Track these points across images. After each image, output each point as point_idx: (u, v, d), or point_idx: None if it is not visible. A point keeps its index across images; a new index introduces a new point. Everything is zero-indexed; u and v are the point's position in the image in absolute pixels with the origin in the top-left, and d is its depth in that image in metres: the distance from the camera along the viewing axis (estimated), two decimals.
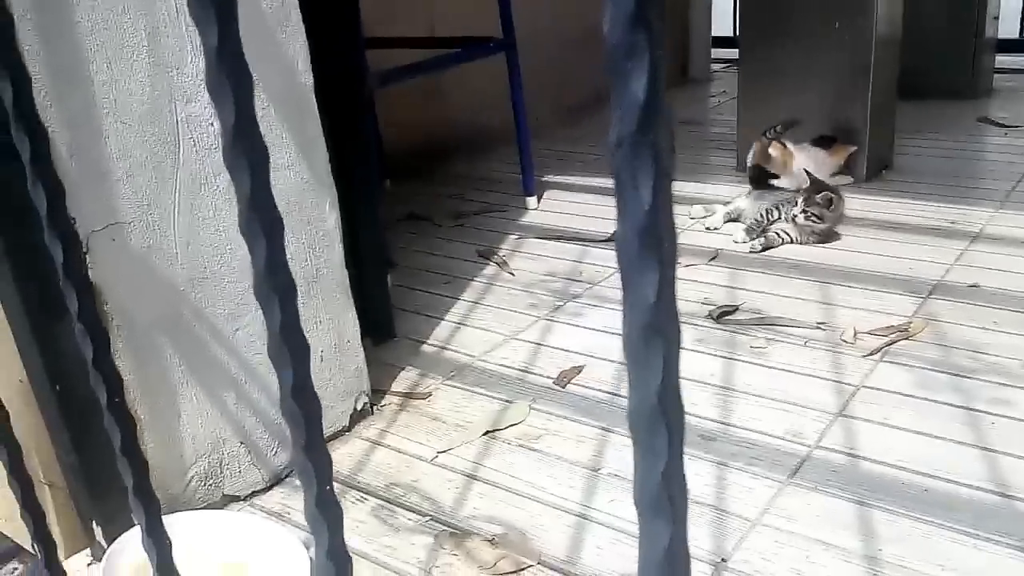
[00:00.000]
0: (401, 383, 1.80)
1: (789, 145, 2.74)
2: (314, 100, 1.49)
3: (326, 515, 0.51)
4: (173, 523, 1.35)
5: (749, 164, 2.78)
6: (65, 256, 0.57)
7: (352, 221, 1.75)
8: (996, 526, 1.27)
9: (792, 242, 2.38)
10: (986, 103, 3.84)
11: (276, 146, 1.42)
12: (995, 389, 1.62)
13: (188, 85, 1.28)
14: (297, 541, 1.27)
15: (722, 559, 1.24)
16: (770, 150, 2.73)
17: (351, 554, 0.47)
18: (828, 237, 2.40)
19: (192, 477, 1.38)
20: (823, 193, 2.35)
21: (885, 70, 2.86)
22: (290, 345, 0.44)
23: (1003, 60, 4.22)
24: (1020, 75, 4.37)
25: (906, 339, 1.82)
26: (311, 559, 1.23)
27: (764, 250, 2.36)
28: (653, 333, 0.33)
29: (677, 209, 2.17)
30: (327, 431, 1.59)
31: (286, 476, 1.52)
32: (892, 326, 1.87)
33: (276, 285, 0.43)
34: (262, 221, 0.42)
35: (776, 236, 2.38)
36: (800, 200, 2.35)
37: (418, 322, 2.08)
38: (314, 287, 1.52)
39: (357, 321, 1.63)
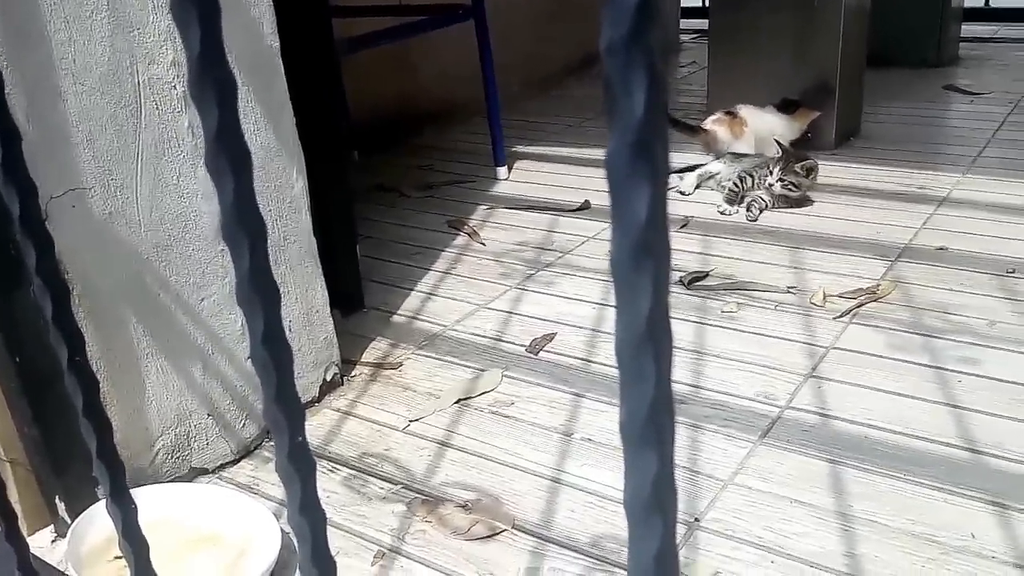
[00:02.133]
0: (372, 353, 1.79)
1: (742, 113, 2.74)
2: (281, 63, 1.46)
3: (298, 467, 0.50)
4: (140, 496, 1.33)
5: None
6: (22, 207, 0.55)
7: (320, 190, 1.72)
8: (965, 481, 1.28)
9: (766, 208, 2.39)
10: (953, 71, 3.86)
11: (243, 111, 1.39)
12: (963, 348, 1.64)
13: (150, 45, 1.25)
14: (268, 512, 1.26)
15: (695, 519, 1.25)
16: (708, 125, 2.73)
17: None
18: (801, 203, 2.40)
19: (159, 450, 1.36)
20: (805, 162, 2.35)
21: (854, 39, 2.87)
22: (260, 290, 0.42)
23: (969, 29, 4.25)
24: (986, 44, 4.41)
25: (875, 301, 1.84)
26: (282, 530, 1.22)
27: (756, 220, 2.35)
28: (644, 254, 0.32)
29: None
30: None
31: (255, 448, 1.51)
32: (862, 289, 1.88)
33: (245, 225, 0.41)
34: (230, 156, 0.39)
35: (755, 204, 2.39)
36: (776, 169, 2.36)
37: (388, 293, 2.06)
38: (281, 254, 1.49)
39: (326, 291, 1.61)
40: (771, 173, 2.36)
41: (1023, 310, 1.76)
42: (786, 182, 2.34)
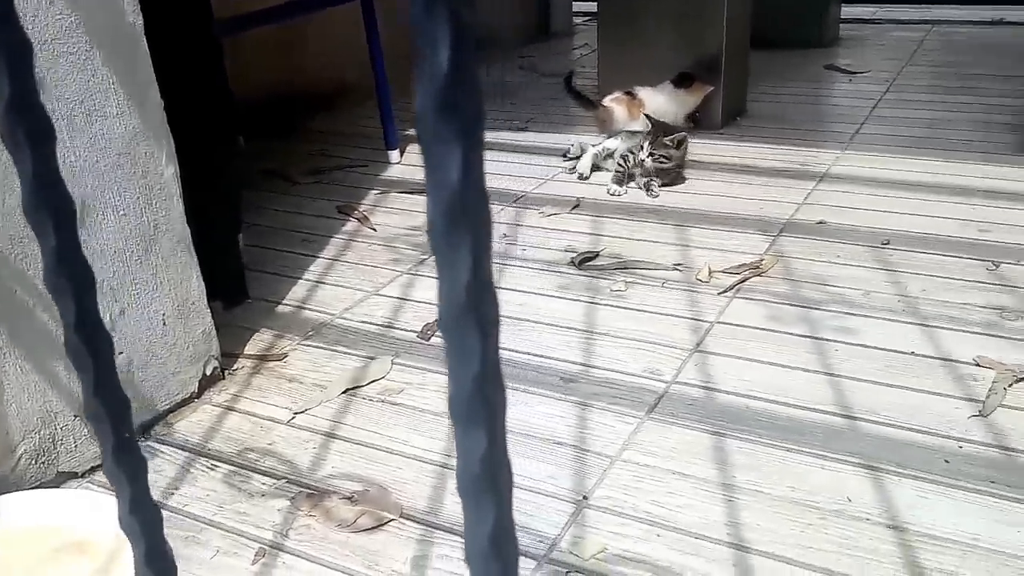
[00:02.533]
0: (255, 345, 1.73)
1: (640, 93, 2.77)
2: (144, 43, 1.39)
3: (126, 466, 0.46)
4: (2, 506, 1.25)
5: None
6: None
7: (198, 177, 1.65)
8: (842, 446, 1.32)
9: (651, 180, 2.42)
10: (834, 51, 4.00)
11: (103, 92, 1.32)
12: (839, 318, 1.69)
13: None
14: None
15: (583, 496, 1.25)
16: (607, 103, 2.76)
17: (200, 523, 0.43)
18: (675, 180, 2.43)
19: (21, 455, 1.28)
20: (675, 135, 2.38)
21: (738, 22, 2.93)
22: (69, 273, 0.38)
23: (849, 11, 4.41)
24: (865, 24, 4.58)
25: (758, 276, 1.88)
26: None
27: (657, 195, 2.37)
28: (459, 220, 0.30)
29: (543, 160, 2.16)
30: (174, 398, 1.51)
31: None
32: (745, 264, 1.92)
33: (48, 202, 0.37)
34: (27, 126, 0.35)
35: (653, 182, 2.41)
36: (646, 143, 2.38)
37: (274, 282, 2.00)
38: (152, 244, 1.42)
39: (202, 281, 1.54)
40: (642, 148, 2.39)
41: (897, 280, 1.83)
42: (656, 155, 2.37)
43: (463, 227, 0.27)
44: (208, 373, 1.57)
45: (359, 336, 1.75)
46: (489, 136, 2.48)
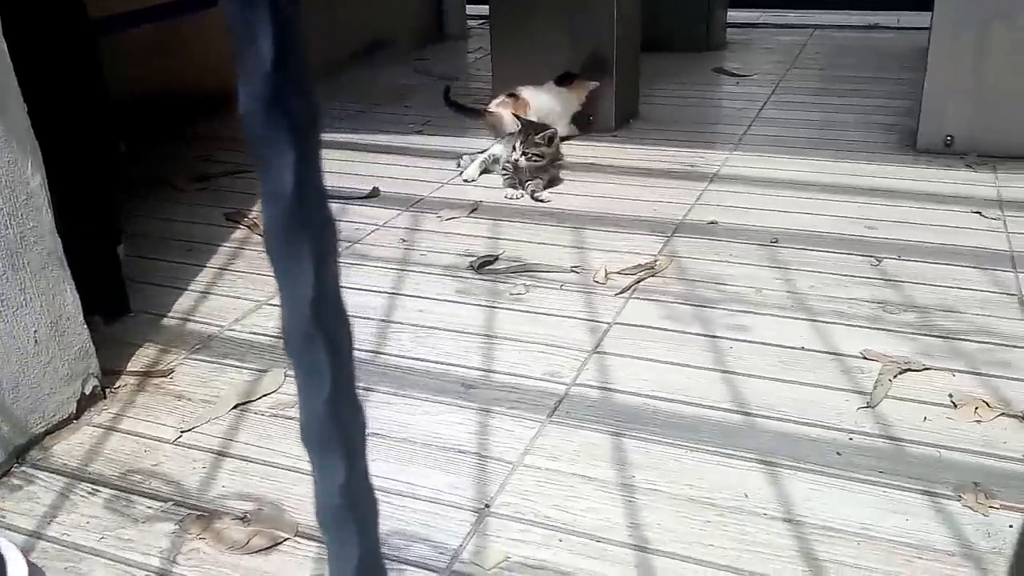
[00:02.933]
0: (139, 361, 1.64)
1: (524, 94, 2.78)
2: (3, 45, 1.30)
3: None
4: None
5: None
6: None
7: (72, 185, 1.56)
8: (739, 443, 1.34)
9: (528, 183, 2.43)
10: (721, 55, 4.11)
11: None
12: (733, 316, 1.72)
13: None
14: (12, 545, 1.12)
15: (485, 504, 1.23)
16: (493, 108, 2.75)
17: (81, 553, 0.39)
18: (554, 180, 2.44)
19: None
20: (544, 132, 2.39)
21: (628, 26, 2.97)
22: None
23: (735, 15, 4.54)
24: (751, 28, 4.72)
25: (653, 276, 1.90)
26: (30, 563, 1.09)
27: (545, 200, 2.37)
28: (297, 228, 0.27)
29: (440, 164, 2.12)
30: (50, 420, 1.42)
31: (1, 475, 1.34)
32: (640, 265, 1.94)
33: None
34: None
35: (537, 187, 2.41)
36: (518, 143, 2.39)
37: (158, 294, 1.90)
38: (19, 258, 1.33)
39: (77, 296, 1.45)
40: (514, 149, 2.40)
41: (787, 277, 1.88)
42: (529, 154, 2.38)
43: (303, 237, 0.25)
44: (87, 392, 1.48)
45: (249, 348, 1.68)
46: (385, 139, 2.44)
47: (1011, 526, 1.14)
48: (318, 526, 0.29)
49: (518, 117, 2.51)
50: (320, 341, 0.27)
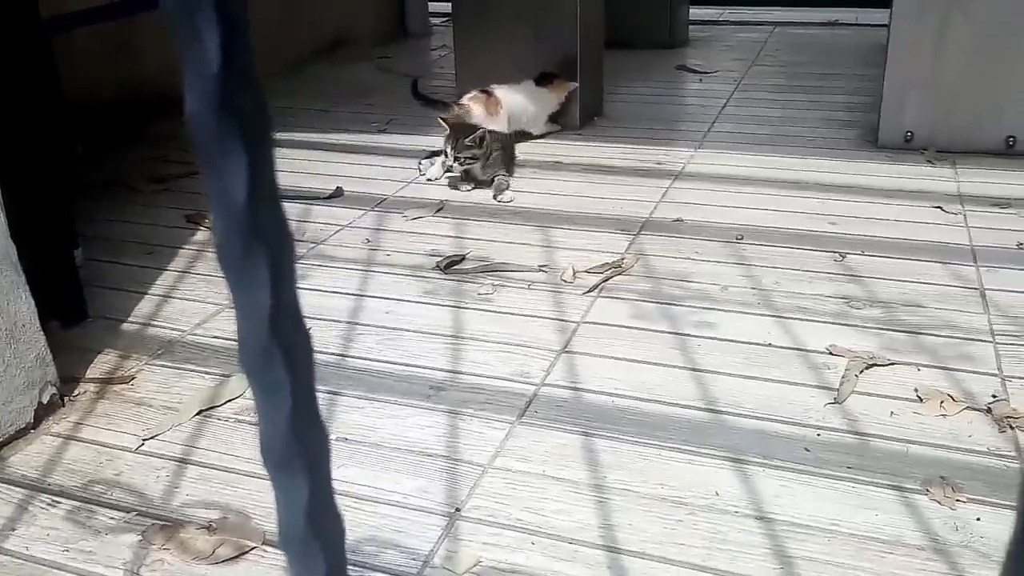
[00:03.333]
0: (98, 368, 1.60)
1: (497, 92, 2.76)
2: None
3: None
4: None
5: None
6: None
7: (25, 187, 1.52)
8: (707, 440, 1.34)
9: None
10: (684, 52, 4.13)
11: None
12: (700, 313, 1.73)
13: None
14: None
15: (456, 508, 1.22)
16: (464, 102, 2.73)
17: (42, 566, 0.36)
18: (499, 188, 2.39)
19: None
20: (473, 134, 2.37)
21: (592, 24, 2.96)
22: None
23: (697, 12, 4.56)
24: (712, 26, 4.75)
25: (620, 274, 1.90)
26: None
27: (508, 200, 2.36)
28: (252, 239, 0.26)
29: (404, 163, 2.09)
30: (7, 430, 1.38)
31: None
32: (607, 263, 1.94)
33: None
34: None
35: (502, 182, 2.40)
36: (449, 148, 2.37)
37: (117, 298, 1.86)
38: None
39: (33, 302, 1.41)
40: (446, 154, 2.39)
41: (751, 274, 1.89)
42: (462, 159, 2.37)
43: (258, 247, 0.23)
44: (45, 401, 1.44)
45: (212, 353, 1.65)
46: (349, 138, 2.41)
47: (978, 519, 1.15)
48: (281, 547, 0.28)
49: (444, 121, 2.48)
50: (279, 356, 0.26)
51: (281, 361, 0.26)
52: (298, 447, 0.27)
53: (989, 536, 1.12)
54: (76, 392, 1.53)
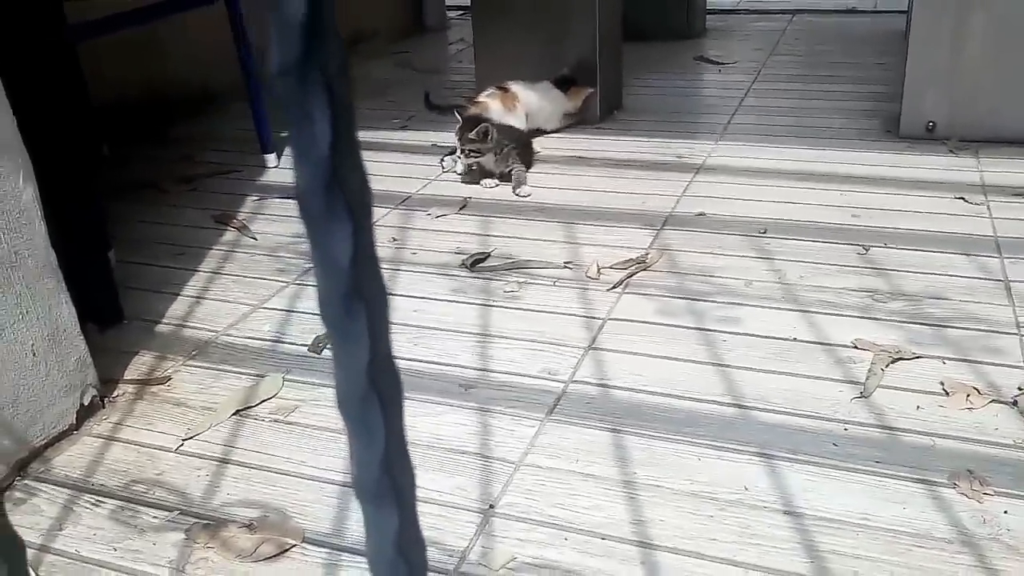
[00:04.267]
0: (135, 370, 1.64)
1: (513, 88, 2.78)
2: None
3: None
4: None
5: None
6: None
7: (58, 193, 1.55)
8: (735, 436, 1.36)
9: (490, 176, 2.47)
10: (702, 43, 4.12)
11: None
12: (725, 309, 1.74)
13: None
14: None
15: (490, 505, 1.24)
16: (482, 99, 2.74)
17: (90, 565, 0.39)
18: (520, 182, 2.42)
19: None
20: (478, 127, 2.40)
21: (610, 16, 2.97)
22: None
23: (714, 1, 4.55)
24: (729, 15, 4.74)
25: (645, 270, 1.92)
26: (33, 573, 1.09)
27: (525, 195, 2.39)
28: (353, 299, 0.28)
29: (427, 159, 2.12)
30: (50, 432, 1.42)
31: (4, 490, 1.34)
32: (631, 259, 1.96)
33: None
34: None
35: (516, 175, 2.43)
36: (456, 142, 2.41)
37: (150, 300, 1.90)
38: (14, 273, 1.33)
39: (73, 307, 1.45)
40: (457, 149, 2.43)
41: (775, 268, 1.90)
42: (466, 151, 2.40)
43: (359, 306, 0.26)
44: (86, 403, 1.48)
45: (246, 353, 1.69)
46: (370, 136, 2.44)
47: (1006, 512, 1.16)
48: (371, 570, 0.30)
49: (456, 112, 2.53)
50: (375, 401, 0.28)
51: (377, 407, 0.28)
52: (389, 483, 0.29)
53: (1016, 529, 1.14)
54: (115, 394, 1.57)
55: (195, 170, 2.69)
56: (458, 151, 2.42)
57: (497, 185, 2.45)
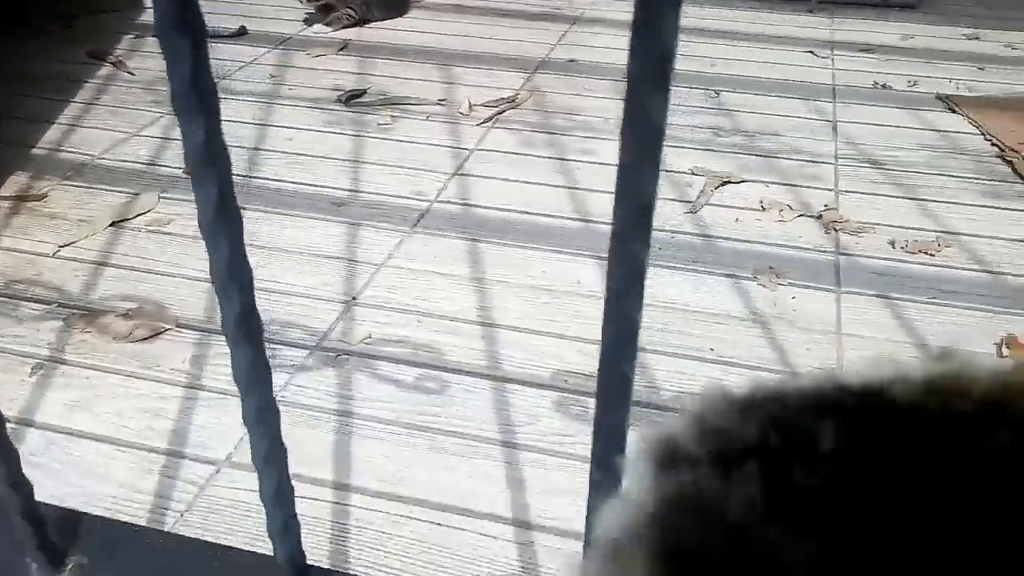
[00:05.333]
0: (10, 187, 1.68)
1: None
2: None
3: None
4: None
5: None
6: None
7: None
8: (579, 243, 1.52)
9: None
10: None
11: None
12: (583, 142, 1.88)
13: None
14: None
15: (353, 298, 1.37)
16: None
17: None
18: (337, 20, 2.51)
19: None
20: None
21: None
22: None
23: None
24: None
25: (514, 108, 2.03)
26: None
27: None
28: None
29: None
30: None
31: None
32: (502, 98, 2.06)
33: None
34: None
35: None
36: None
37: (25, 128, 1.91)
38: None
39: None
40: None
41: None
42: None
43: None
44: None
45: (122, 174, 1.74)
46: None
47: (793, 298, 1.36)
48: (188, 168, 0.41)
49: None
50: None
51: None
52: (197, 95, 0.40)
53: (801, 309, 1.34)
54: None
55: (69, 9, 2.62)
56: None
57: (343, 27, 2.48)
